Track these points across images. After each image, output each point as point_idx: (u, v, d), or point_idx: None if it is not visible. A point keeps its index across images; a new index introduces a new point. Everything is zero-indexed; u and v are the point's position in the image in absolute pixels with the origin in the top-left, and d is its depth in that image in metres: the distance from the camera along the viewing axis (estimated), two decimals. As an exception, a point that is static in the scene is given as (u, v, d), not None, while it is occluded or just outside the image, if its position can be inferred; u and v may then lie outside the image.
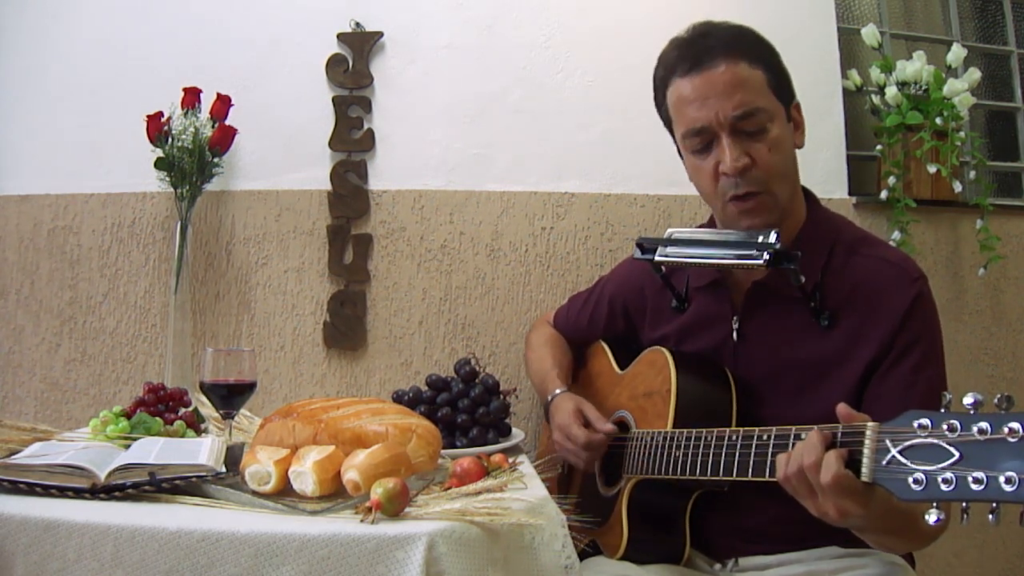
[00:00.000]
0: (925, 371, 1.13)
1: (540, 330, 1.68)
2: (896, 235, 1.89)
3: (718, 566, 1.28)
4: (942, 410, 0.81)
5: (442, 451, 1.20)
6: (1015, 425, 0.74)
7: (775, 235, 1.13)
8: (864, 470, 0.85)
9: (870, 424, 0.86)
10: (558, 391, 1.46)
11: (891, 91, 1.92)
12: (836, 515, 0.90)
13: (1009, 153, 2.21)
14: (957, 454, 0.77)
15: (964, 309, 1.99)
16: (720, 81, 1.16)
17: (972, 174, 2.00)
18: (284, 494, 1.02)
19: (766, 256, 1.12)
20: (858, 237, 1.26)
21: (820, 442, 0.90)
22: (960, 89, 1.89)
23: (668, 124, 1.29)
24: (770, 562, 1.22)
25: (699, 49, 1.18)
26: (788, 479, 0.94)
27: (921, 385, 1.12)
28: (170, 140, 1.69)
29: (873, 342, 1.15)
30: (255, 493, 1.02)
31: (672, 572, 1.25)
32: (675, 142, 1.29)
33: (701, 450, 1.11)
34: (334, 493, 1.02)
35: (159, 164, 1.69)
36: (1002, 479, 0.73)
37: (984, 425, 0.76)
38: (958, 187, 1.92)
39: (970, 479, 0.75)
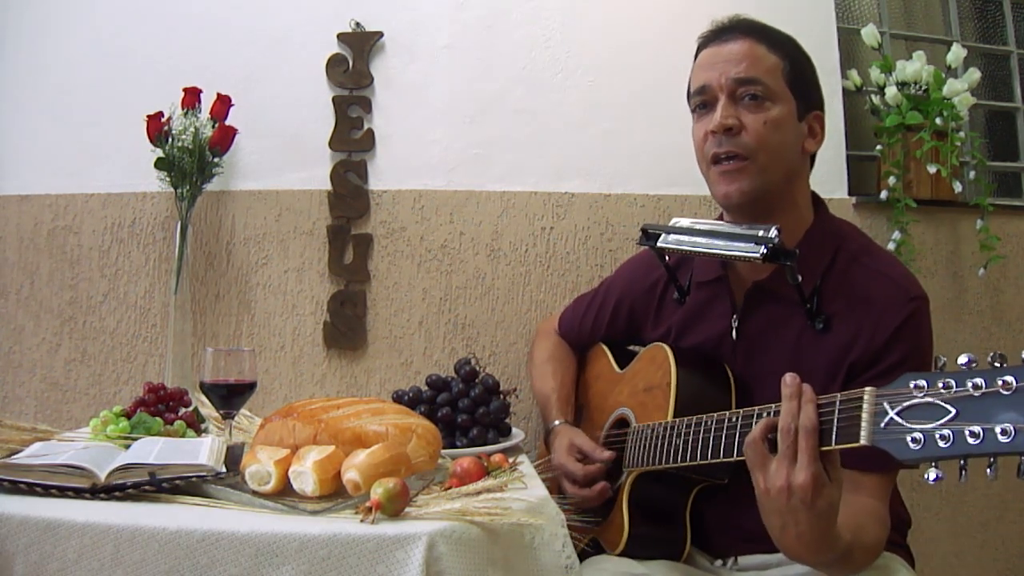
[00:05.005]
0: None
1: (543, 343, 1.67)
2: (896, 235, 1.89)
3: (719, 563, 1.28)
4: (937, 370, 0.82)
5: (442, 451, 1.20)
6: (1009, 378, 0.74)
7: (775, 230, 1.14)
8: (863, 433, 0.85)
9: (867, 389, 0.87)
10: (556, 423, 1.47)
11: (891, 91, 1.92)
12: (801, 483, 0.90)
13: (1009, 153, 2.21)
14: (953, 411, 0.78)
15: (964, 309, 1.99)
16: (733, 51, 1.22)
17: (972, 174, 2.00)
18: (284, 494, 1.02)
19: (763, 250, 1.13)
20: (863, 247, 1.25)
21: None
22: (960, 89, 1.89)
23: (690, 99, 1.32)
24: (770, 561, 1.22)
25: (726, 27, 1.27)
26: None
27: None
28: (170, 140, 1.69)
29: (859, 353, 1.15)
30: (255, 493, 1.02)
31: (673, 569, 1.24)
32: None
33: (702, 435, 1.11)
34: (334, 493, 1.02)
35: (159, 164, 1.69)
36: (998, 430, 0.74)
37: (979, 381, 0.76)
38: (958, 187, 1.92)
39: (967, 433, 0.76)
